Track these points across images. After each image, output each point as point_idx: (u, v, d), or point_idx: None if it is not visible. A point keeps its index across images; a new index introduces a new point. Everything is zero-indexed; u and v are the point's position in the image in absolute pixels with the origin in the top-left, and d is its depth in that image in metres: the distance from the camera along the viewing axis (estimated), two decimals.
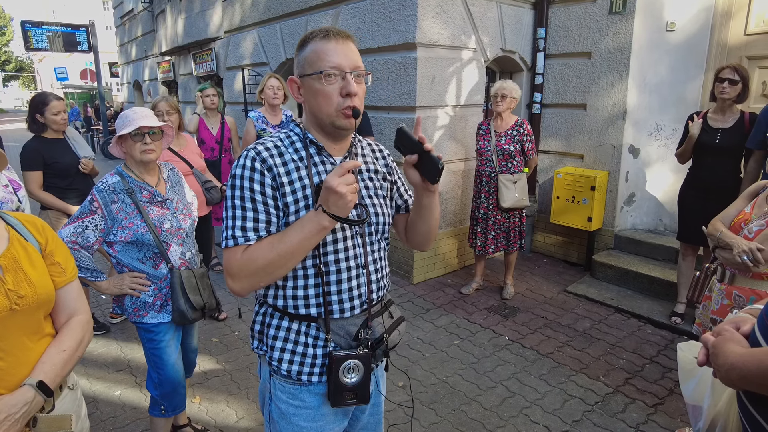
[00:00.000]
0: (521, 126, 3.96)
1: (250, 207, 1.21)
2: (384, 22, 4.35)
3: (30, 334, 1.27)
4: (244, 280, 1.21)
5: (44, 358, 1.28)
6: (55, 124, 3.33)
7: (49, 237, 1.37)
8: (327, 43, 1.21)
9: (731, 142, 3.33)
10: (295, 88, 1.29)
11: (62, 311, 1.38)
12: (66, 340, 1.33)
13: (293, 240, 1.18)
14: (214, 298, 2.26)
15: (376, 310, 1.37)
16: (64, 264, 1.38)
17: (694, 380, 1.32)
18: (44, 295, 1.29)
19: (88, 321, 1.41)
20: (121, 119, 2.02)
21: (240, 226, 1.21)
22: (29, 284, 1.25)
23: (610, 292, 4.27)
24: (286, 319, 1.31)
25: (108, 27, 25.69)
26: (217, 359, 3.31)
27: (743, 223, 2.16)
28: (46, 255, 1.35)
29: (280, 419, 1.34)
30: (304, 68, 1.24)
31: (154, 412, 2.22)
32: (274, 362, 1.31)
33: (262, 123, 4.21)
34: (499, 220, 4.07)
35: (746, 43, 4.09)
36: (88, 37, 11.43)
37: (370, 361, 1.31)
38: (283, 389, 1.33)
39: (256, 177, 1.21)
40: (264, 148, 1.25)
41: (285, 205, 1.23)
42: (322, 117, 1.24)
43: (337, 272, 1.29)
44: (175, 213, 2.13)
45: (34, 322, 1.28)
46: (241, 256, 1.20)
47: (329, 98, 1.21)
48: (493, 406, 2.81)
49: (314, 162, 1.28)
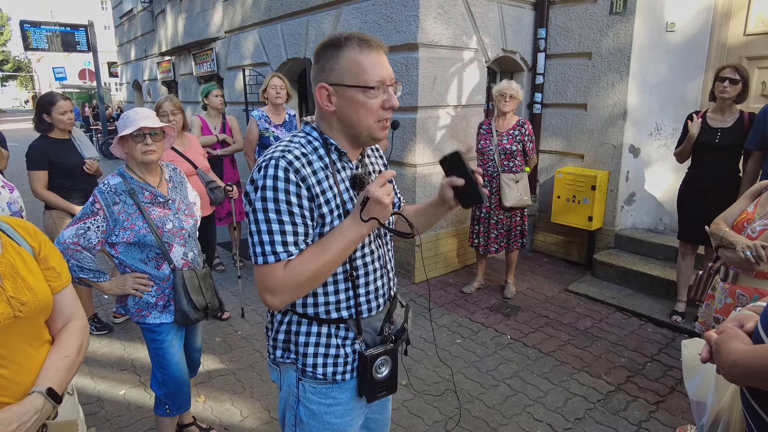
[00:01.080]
0: (523, 126, 3.98)
1: (288, 220, 1.17)
2: (385, 23, 4.36)
3: (32, 341, 1.25)
4: (286, 295, 1.19)
5: (48, 365, 1.26)
6: (62, 123, 3.34)
7: (41, 241, 1.34)
8: (369, 53, 1.18)
9: (730, 141, 3.35)
10: (325, 96, 1.22)
11: (59, 316, 1.35)
12: (67, 345, 1.31)
13: (335, 249, 1.18)
14: (217, 298, 2.27)
15: (393, 302, 1.44)
16: (59, 268, 1.35)
17: (698, 377, 1.33)
18: (45, 301, 1.27)
19: (84, 326, 1.39)
20: (123, 120, 2.02)
21: (280, 241, 1.17)
22: (29, 290, 1.23)
23: (611, 291, 4.29)
24: (315, 324, 1.32)
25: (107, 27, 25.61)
26: (221, 358, 3.33)
27: (746, 223, 2.18)
28: (40, 260, 1.32)
29: (311, 420, 1.35)
30: (343, 78, 1.19)
31: (159, 411, 2.23)
32: (308, 368, 1.32)
33: (265, 122, 4.22)
34: (502, 219, 4.09)
35: (746, 43, 4.12)
36: (87, 37, 11.41)
37: (397, 353, 1.37)
38: (315, 390, 1.34)
39: (291, 189, 1.17)
40: (294, 157, 1.19)
41: (321, 215, 1.22)
42: (360, 129, 1.23)
43: (365, 275, 1.33)
44: (177, 213, 2.13)
45: (35, 329, 1.27)
46: (284, 272, 1.17)
47: (372, 112, 1.20)
48: (496, 404, 2.83)
49: (337, 168, 1.27)
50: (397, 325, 1.41)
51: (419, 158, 4.39)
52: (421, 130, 4.34)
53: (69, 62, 27.18)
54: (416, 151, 4.36)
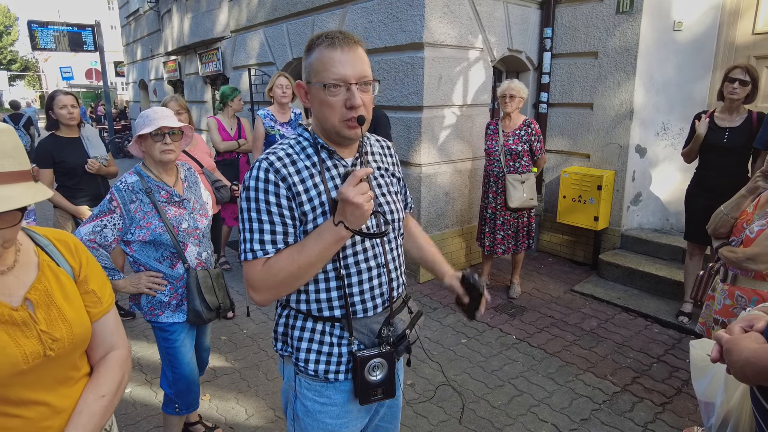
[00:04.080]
0: (529, 126, 3.96)
1: (266, 219, 1.21)
2: (391, 22, 4.36)
3: (65, 380, 1.09)
4: (266, 293, 1.23)
5: (81, 407, 1.09)
6: (62, 118, 3.34)
7: (83, 260, 1.17)
8: (332, 51, 1.18)
9: (739, 141, 3.33)
10: (302, 93, 1.28)
11: (99, 346, 1.18)
12: (104, 383, 1.14)
13: (313, 251, 1.19)
14: (229, 298, 2.27)
15: (396, 306, 1.39)
16: (99, 292, 1.18)
17: (707, 377, 1.33)
18: (81, 335, 1.10)
19: (127, 357, 1.22)
20: (142, 118, 2.03)
21: (258, 239, 1.21)
22: (64, 322, 1.06)
23: (617, 291, 4.27)
24: (310, 320, 1.32)
25: (113, 26, 25.74)
26: (226, 357, 3.34)
27: (745, 223, 2.18)
28: (80, 282, 1.14)
29: (306, 416, 1.35)
30: (310, 75, 1.23)
31: (168, 410, 2.24)
32: (300, 362, 1.32)
33: (271, 121, 4.24)
34: (508, 220, 4.07)
35: (754, 42, 4.08)
36: (93, 37, 11.46)
37: (393, 357, 1.33)
38: (309, 387, 1.34)
39: (270, 189, 1.20)
40: (276, 158, 1.23)
41: (303, 213, 1.23)
42: (327, 126, 1.24)
43: (357, 273, 1.30)
44: (192, 213, 2.15)
45: (69, 366, 1.10)
46: (262, 270, 1.21)
47: (333, 109, 1.20)
48: (502, 404, 2.83)
49: (327, 167, 1.28)
50: (397, 330, 1.36)
51: (424, 158, 4.38)
52: (427, 130, 4.34)
53: (76, 62, 27.32)
54: (421, 151, 4.36)
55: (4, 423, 1.00)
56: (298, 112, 4.43)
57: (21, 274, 1.05)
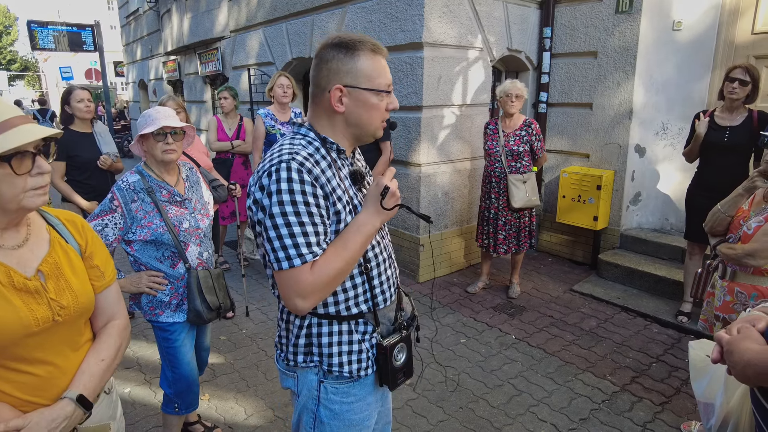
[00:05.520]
0: (530, 126, 3.96)
1: (309, 221, 1.17)
2: (390, 22, 4.36)
3: (70, 343, 1.23)
4: (317, 295, 1.20)
5: (83, 368, 1.23)
6: (79, 111, 3.46)
7: (89, 238, 1.31)
8: (381, 59, 1.27)
9: (739, 140, 3.33)
10: (337, 96, 1.24)
11: (100, 315, 1.32)
12: (104, 348, 1.28)
13: (356, 244, 1.22)
14: (229, 298, 2.27)
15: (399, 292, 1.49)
16: (103, 267, 1.31)
17: (706, 378, 1.33)
18: (85, 304, 1.24)
19: (125, 326, 1.36)
20: (144, 118, 2.02)
21: (305, 242, 1.17)
22: (71, 292, 1.19)
23: (616, 291, 4.27)
24: (335, 323, 1.33)
25: (113, 26, 25.71)
26: (225, 357, 3.34)
27: (742, 220, 2.21)
28: (86, 258, 1.28)
29: (332, 420, 1.36)
30: (359, 81, 1.23)
31: (168, 409, 2.24)
32: (335, 368, 1.32)
33: (271, 120, 4.26)
34: (510, 220, 4.06)
35: (754, 42, 4.08)
36: (93, 37, 11.43)
37: (410, 339, 1.44)
38: (336, 390, 1.35)
39: (308, 189, 1.17)
40: (303, 158, 1.20)
41: (336, 212, 1.24)
42: (368, 129, 1.30)
43: (377, 266, 1.36)
44: (194, 213, 2.14)
45: (74, 331, 1.24)
46: (312, 273, 1.17)
47: (380, 113, 1.29)
48: (501, 404, 2.82)
49: (338, 166, 1.31)
50: (407, 313, 1.48)
51: (424, 158, 4.38)
52: (426, 130, 4.34)
53: (76, 62, 27.29)
54: (421, 151, 4.35)
55: (18, 378, 1.13)
56: (297, 112, 4.44)
57: (35, 249, 1.19)
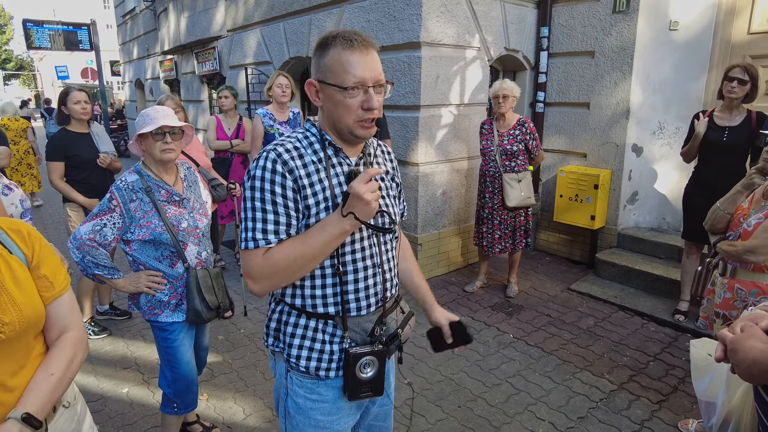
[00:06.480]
0: (524, 125, 3.97)
1: (270, 209, 1.21)
2: (388, 21, 4.36)
3: (17, 359, 1.15)
4: (264, 282, 1.23)
5: (31, 385, 1.16)
6: (76, 113, 3.45)
7: (36, 247, 1.23)
8: (351, 53, 1.19)
9: (738, 140, 3.34)
10: (313, 92, 1.27)
11: (52, 327, 1.25)
12: (54, 362, 1.20)
13: (315, 243, 1.20)
14: (228, 298, 2.27)
15: (389, 305, 1.41)
16: (51, 277, 1.24)
17: (708, 377, 1.33)
18: (32, 318, 1.16)
19: (80, 338, 1.28)
20: (142, 117, 2.01)
21: (261, 228, 1.21)
22: (14, 307, 1.12)
23: (614, 290, 4.28)
24: (303, 317, 1.33)
25: (109, 26, 25.63)
26: (223, 357, 3.33)
27: (742, 218, 2.22)
28: (32, 268, 1.20)
29: (297, 414, 1.36)
30: (326, 75, 1.22)
31: (167, 409, 2.24)
32: (292, 359, 1.33)
33: (270, 120, 4.25)
34: (505, 219, 4.07)
35: (750, 41, 4.10)
36: (89, 36, 11.37)
37: (385, 356, 1.34)
38: (301, 384, 1.35)
39: (277, 179, 1.21)
40: (284, 150, 1.24)
41: (306, 207, 1.24)
42: (341, 126, 1.26)
43: (354, 272, 1.31)
44: (192, 212, 2.14)
45: (21, 347, 1.16)
46: (262, 259, 1.21)
47: (350, 110, 1.22)
48: (499, 403, 2.83)
49: (332, 163, 1.29)
50: (389, 329, 1.39)
51: (422, 157, 4.38)
52: (424, 129, 4.34)
53: (71, 61, 27.16)
54: (419, 150, 4.36)
55: None
56: (296, 111, 4.43)
57: None
